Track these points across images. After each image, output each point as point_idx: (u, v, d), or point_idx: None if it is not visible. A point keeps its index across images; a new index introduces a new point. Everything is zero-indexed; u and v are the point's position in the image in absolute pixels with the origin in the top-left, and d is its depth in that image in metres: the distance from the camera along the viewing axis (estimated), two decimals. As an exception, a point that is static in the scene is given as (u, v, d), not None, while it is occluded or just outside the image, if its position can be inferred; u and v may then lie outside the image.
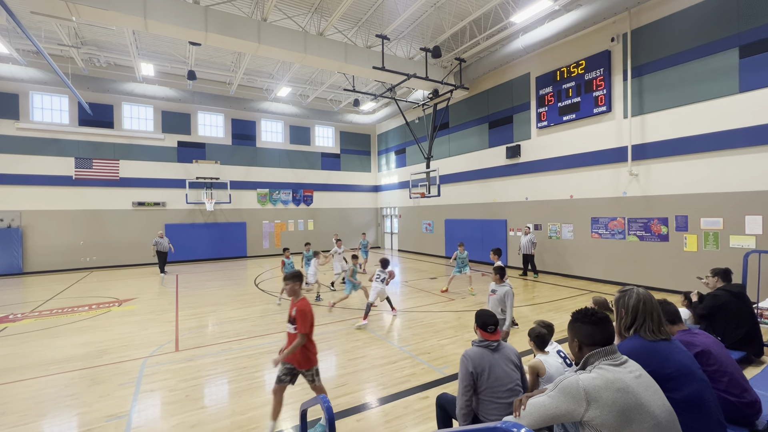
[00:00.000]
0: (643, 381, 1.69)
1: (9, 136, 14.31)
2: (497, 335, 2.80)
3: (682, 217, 9.12)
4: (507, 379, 2.65)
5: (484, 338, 2.78)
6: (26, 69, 13.46)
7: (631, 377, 1.68)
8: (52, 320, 7.85)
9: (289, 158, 20.41)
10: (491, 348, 2.74)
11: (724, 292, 4.85)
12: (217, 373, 5.03)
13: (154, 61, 15.00)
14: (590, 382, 1.64)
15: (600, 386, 1.62)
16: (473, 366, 2.64)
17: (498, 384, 2.62)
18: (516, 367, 2.76)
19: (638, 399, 1.61)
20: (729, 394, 2.62)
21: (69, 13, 8.93)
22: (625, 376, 1.67)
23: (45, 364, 5.43)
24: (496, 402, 2.59)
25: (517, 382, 2.71)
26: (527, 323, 6.89)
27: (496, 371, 2.64)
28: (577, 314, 1.94)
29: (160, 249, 13.65)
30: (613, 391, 1.60)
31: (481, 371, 2.64)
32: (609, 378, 1.65)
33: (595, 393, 1.60)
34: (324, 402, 2.23)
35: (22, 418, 3.96)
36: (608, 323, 1.85)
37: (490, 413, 2.61)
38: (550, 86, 12.17)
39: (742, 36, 8.07)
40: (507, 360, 2.73)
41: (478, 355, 2.69)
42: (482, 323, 2.82)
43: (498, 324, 2.88)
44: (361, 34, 13.13)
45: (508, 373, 2.67)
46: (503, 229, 14.21)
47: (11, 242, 14.11)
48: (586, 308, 1.97)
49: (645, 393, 1.65)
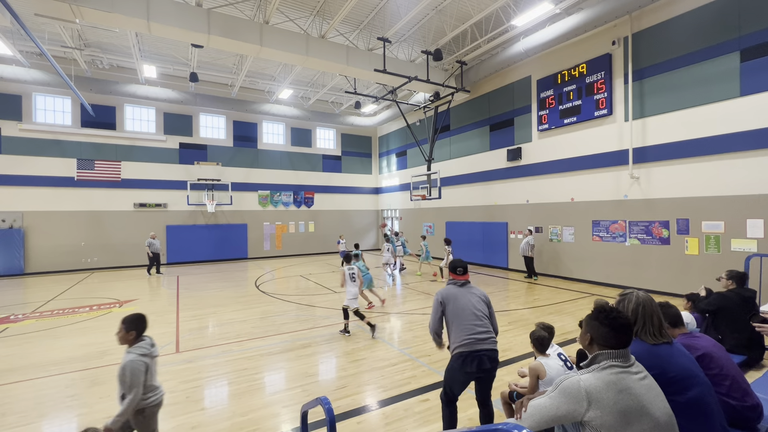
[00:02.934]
0: (645, 383, 1.69)
1: (12, 137, 14.38)
2: (465, 276, 3.44)
3: (684, 221, 9.11)
4: (470, 306, 3.24)
5: (453, 278, 3.44)
6: (29, 70, 13.53)
7: (635, 379, 1.67)
8: (54, 321, 7.86)
9: (291, 160, 20.45)
10: (458, 285, 3.39)
11: (734, 294, 4.84)
12: (217, 375, 5.03)
13: (157, 63, 15.07)
14: (591, 383, 1.64)
15: (601, 387, 1.62)
16: (442, 297, 3.33)
17: (463, 310, 3.23)
18: (482, 301, 3.34)
19: (639, 401, 1.60)
20: (730, 397, 2.62)
21: (72, 16, 8.99)
22: (628, 377, 1.66)
23: (46, 365, 5.44)
24: (464, 325, 3.18)
25: (482, 310, 3.27)
26: (528, 326, 6.88)
27: (461, 300, 3.27)
28: (599, 313, 1.83)
29: (153, 250, 13.71)
30: (614, 392, 1.60)
31: (448, 300, 3.29)
32: (611, 380, 1.64)
33: (597, 394, 1.60)
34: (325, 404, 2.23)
35: (23, 419, 3.96)
36: (628, 330, 1.76)
37: (460, 336, 3.16)
38: (551, 89, 12.19)
39: (743, 40, 8.08)
40: (471, 294, 3.34)
41: (445, 290, 3.38)
42: (453, 267, 3.49)
43: (466, 269, 3.47)
44: (362, 36, 13.18)
45: (471, 301, 3.28)
46: (504, 232, 14.20)
47: (13, 243, 14.14)
48: (610, 308, 1.85)
49: (647, 395, 1.64)
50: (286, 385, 4.73)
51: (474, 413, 3.80)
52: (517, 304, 8.87)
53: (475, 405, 3.85)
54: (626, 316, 1.80)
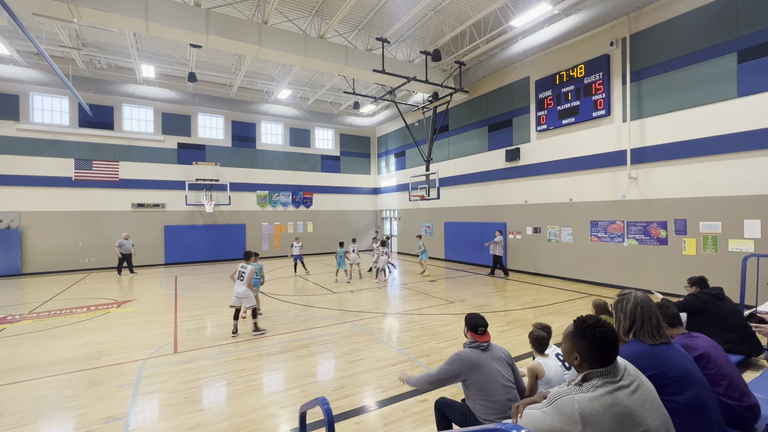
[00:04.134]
0: (639, 395, 1.64)
1: (9, 137, 14.32)
2: (487, 336, 2.94)
3: (681, 221, 9.14)
4: (498, 376, 2.77)
5: (475, 339, 2.93)
6: (27, 70, 13.48)
7: (628, 393, 1.62)
8: (51, 321, 7.82)
9: (289, 160, 20.44)
10: (481, 348, 2.89)
11: (705, 294, 4.90)
12: (215, 375, 5.02)
13: (155, 63, 15.04)
14: (587, 405, 1.59)
15: (597, 410, 1.57)
16: (461, 366, 2.81)
17: (490, 380, 2.75)
18: (507, 365, 2.89)
19: (635, 420, 1.57)
20: (728, 397, 2.63)
21: (71, 15, 8.96)
22: (622, 395, 1.61)
23: (43, 366, 5.42)
24: (492, 401, 2.70)
25: (510, 379, 2.83)
26: (527, 326, 6.89)
27: (486, 369, 2.78)
28: (584, 331, 1.71)
29: (123, 252, 13.70)
30: (610, 416, 1.56)
31: (471, 369, 2.78)
32: (607, 402, 1.58)
33: (592, 417, 1.56)
34: (323, 404, 2.23)
35: (20, 420, 3.94)
36: (617, 345, 1.69)
37: (487, 413, 2.70)
38: (549, 90, 12.22)
39: (740, 41, 8.12)
40: (497, 359, 2.86)
41: (467, 354, 2.84)
42: (473, 325, 2.96)
43: (487, 327, 2.97)
44: (361, 37, 13.18)
45: (498, 370, 2.80)
46: (503, 232, 14.19)
47: (10, 243, 14.08)
48: (595, 323, 1.72)
49: (641, 410, 1.61)
50: (284, 386, 4.72)
51: (473, 413, 3.80)
52: (516, 304, 8.88)
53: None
54: (611, 328, 1.71)
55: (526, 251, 13.33)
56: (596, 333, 1.68)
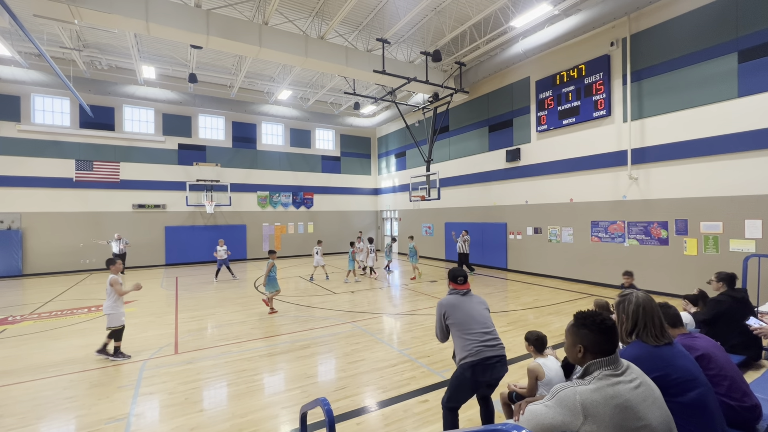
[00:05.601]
0: (641, 392, 1.65)
1: (10, 138, 14.35)
2: (466, 285, 3.39)
3: (682, 221, 9.13)
4: (475, 314, 3.20)
5: (454, 288, 3.39)
6: (28, 71, 13.51)
7: (630, 388, 1.63)
8: (52, 322, 7.83)
9: (290, 161, 20.45)
10: (460, 294, 3.35)
11: (727, 297, 4.84)
12: (216, 376, 5.02)
13: (156, 64, 15.06)
14: (588, 396, 1.60)
15: (598, 401, 1.58)
16: (444, 308, 3.28)
17: (467, 319, 3.17)
18: (485, 308, 3.33)
19: (636, 414, 1.57)
20: (729, 398, 2.62)
21: (71, 17, 8.98)
22: (624, 388, 1.63)
23: (44, 367, 5.42)
24: (471, 335, 3.11)
25: (488, 318, 3.26)
26: (528, 327, 6.88)
27: (464, 309, 3.22)
28: (585, 319, 1.79)
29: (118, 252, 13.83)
30: (610, 407, 1.56)
31: (450, 311, 3.23)
32: (608, 393, 1.60)
33: (593, 408, 1.57)
34: (324, 405, 2.23)
35: (21, 421, 3.95)
36: (616, 331, 1.77)
37: (466, 348, 3.09)
38: (549, 90, 12.22)
39: (740, 41, 8.12)
40: (476, 302, 3.32)
41: (447, 300, 3.32)
42: (453, 276, 3.43)
43: (467, 277, 3.44)
44: (361, 37, 13.20)
45: (476, 309, 3.24)
46: (503, 233, 14.21)
47: (11, 244, 14.10)
48: (593, 312, 1.81)
49: (643, 405, 1.61)
50: (285, 387, 4.72)
51: (473, 414, 3.80)
52: (517, 304, 8.87)
53: (473, 405, 3.85)
54: (609, 317, 1.78)
55: (527, 251, 13.32)
56: (595, 320, 1.76)
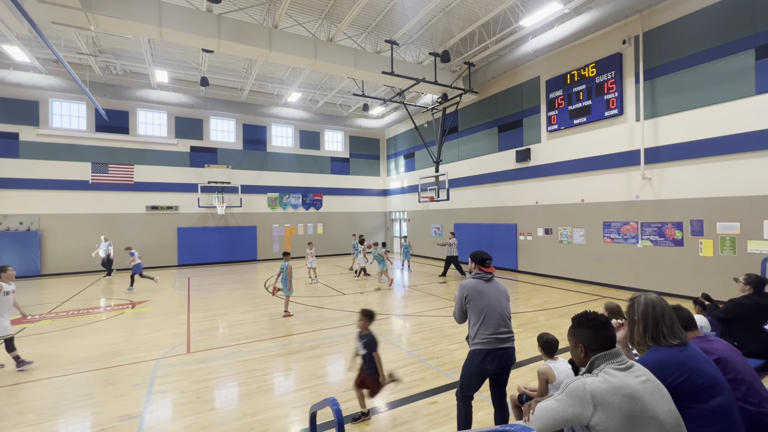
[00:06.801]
0: (648, 386, 1.68)
1: (29, 142, 14.76)
2: (491, 269, 3.28)
3: (698, 222, 8.94)
4: (497, 304, 3.15)
5: (480, 271, 3.28)
6: (46, 77, 13.90)
7: (637, 382, 1.66)
8: (69, 321, 8.03)
9: (299, 163, 20.61)
10: (485, 279, 3.26)
11: (749, 300, 4.69)
12: (227, 376, 5.09)
13: (168, 68, 15.35)
14: (597, 386, 1.64)
15: (607, 391, 1.62)
16: (467, 292, 3.20)
17: (489, 308, 3.12)
18: (505, 298, 3.26)
19: (644, 405, 1.60)
20: (747, 403, 2.54)
21: (88, 23, 9.22)
22: (631, 381, 1.66)
23: (62, 365, 5.56)
24: (486, 324, 3.10)
25: (508, 310, 3.22)
26: (539, 328, 6.81)
27: (488, 297, 3.15)
28: (579, 319, 1.92)
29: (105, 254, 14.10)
30: (619, 396, 1.60)
31: (473, 296, 3.16)
32: (616, 383, 1.64)
33: (602, 397, 1.61)
34: (334, 405, 2.25)
35: (40, 417, 4.06)
36: (610, 326, 1.87)
37: (479, 334, 3.11)
38: (560, 89, 12.08)
39: (758, 37, 7.92)
40: (497, 290, 3.23)
41: (470, 284, 3.23)
42: (480, 259, 3.29)
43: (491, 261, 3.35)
44: (370, 39, 13.24)
45: (498, 299, 3.18)
46: (513, 234, 14.09)
47: (30, 245, 14.50)
48: (586, 312, 1.94)
49: (651, 398, 1.63)
50: (295, 386, 4.76)
51: (483, 416, 3.78)
52: (527, 306, 8.79)
53: (485, 407, 3.83)
54: (602, 314, 1.91)
55: (537, 253, 13.19)
56: (588, 317, 1.89)
